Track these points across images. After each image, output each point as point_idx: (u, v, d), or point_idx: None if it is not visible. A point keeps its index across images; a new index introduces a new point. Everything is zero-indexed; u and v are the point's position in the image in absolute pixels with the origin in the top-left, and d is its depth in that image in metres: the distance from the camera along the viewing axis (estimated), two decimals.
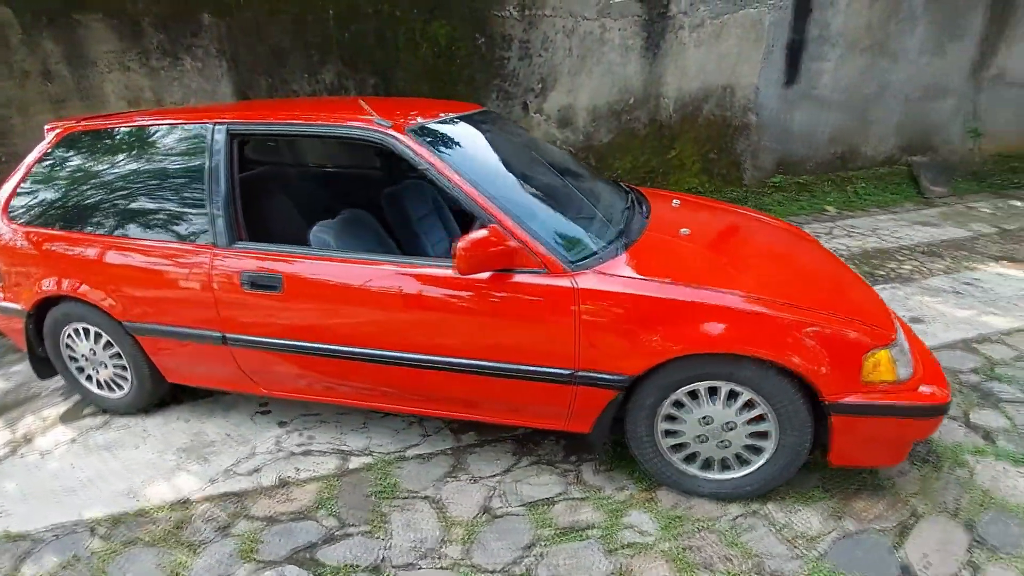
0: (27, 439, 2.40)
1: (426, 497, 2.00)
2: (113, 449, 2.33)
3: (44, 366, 2.57)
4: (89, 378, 2.52)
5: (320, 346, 2.05)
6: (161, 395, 2.52)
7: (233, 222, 2.08)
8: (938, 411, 1.71)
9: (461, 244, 1.68)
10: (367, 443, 2.30)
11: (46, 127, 2.42)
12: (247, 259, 2.04)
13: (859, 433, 1.74)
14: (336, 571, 1.72)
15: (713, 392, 1.79)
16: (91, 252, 2.23)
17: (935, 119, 5.63)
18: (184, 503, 2.02)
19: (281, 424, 2.44)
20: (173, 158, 2.18)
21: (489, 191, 1.89)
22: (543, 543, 1.79)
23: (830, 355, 1.68)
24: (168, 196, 2.17)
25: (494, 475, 2.10)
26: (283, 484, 2.10)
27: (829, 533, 1.78)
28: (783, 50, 4.98)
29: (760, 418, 1.78)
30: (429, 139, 2.01)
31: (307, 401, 2.48)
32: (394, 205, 2.68)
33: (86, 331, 2.40)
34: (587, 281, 1.78)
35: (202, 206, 2.10)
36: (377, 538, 1.84)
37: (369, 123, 1.99)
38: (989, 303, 3.28)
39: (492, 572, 1.70)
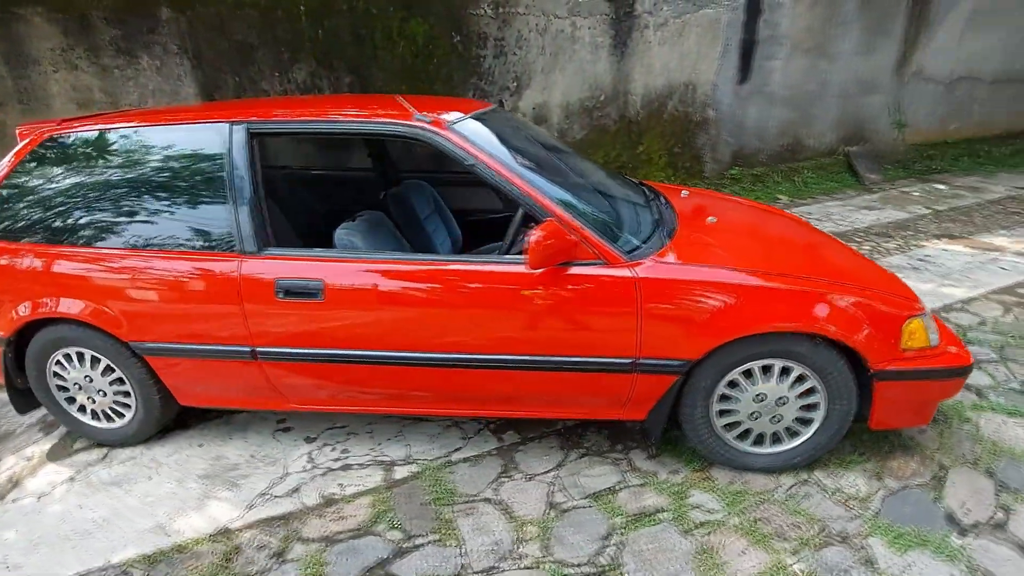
0: (14, 482, 2.13)
1: (487, 499, 1.97)
2: (123, 484, 2.11)
3: (24, 399, 2.30)
4: (82, 409, 2.27)
5: (366, 353, 1.96)
6: (167, 421, 2.32)
7: (261, 228, 1.94)
8: (965, 371, 1.89)
9: (533, 238, 1.67)
10: (407, 451, 2.22)
11: (18, 130, 2.16)
12: (281, 266, 1.92)
13: (898, 397, 1.88)
14: None
15: (766, 370, 1.88)
16: (90, 267, 2.01)
17: (867, 113, 6.15)
18: (224, 533, 1.87)
19: (309, 440, 2.31)
20: (185, 161, 2.01)
21: (539, 186, 1.88)
22: (619, 531, 1.81)
23: (875, 327, 1.81)
24: (182, 203, 1.99)
25: (548, 471, 2.09)
26: (330, 502, 1.99)
27: (876, 493, 1.91)
28: (737, 49, 5.27)
29: (810, 391, 1.89)
30: (468, 135, 1.97)
31: (334, 413, 2.37)
32: (400, 205, 2.61)
33: (80, 356, 2.16)
34: (646, 270, 1.81)
35: (223, 212, 1.95)
36: (450, 546, 1.78)
37: (407, 119, 1.93)
38: (944, 276, 3.63)
39: (578, 566, 1.70)
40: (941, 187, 5.77)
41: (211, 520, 1.93)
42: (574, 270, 1.82)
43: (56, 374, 2.21)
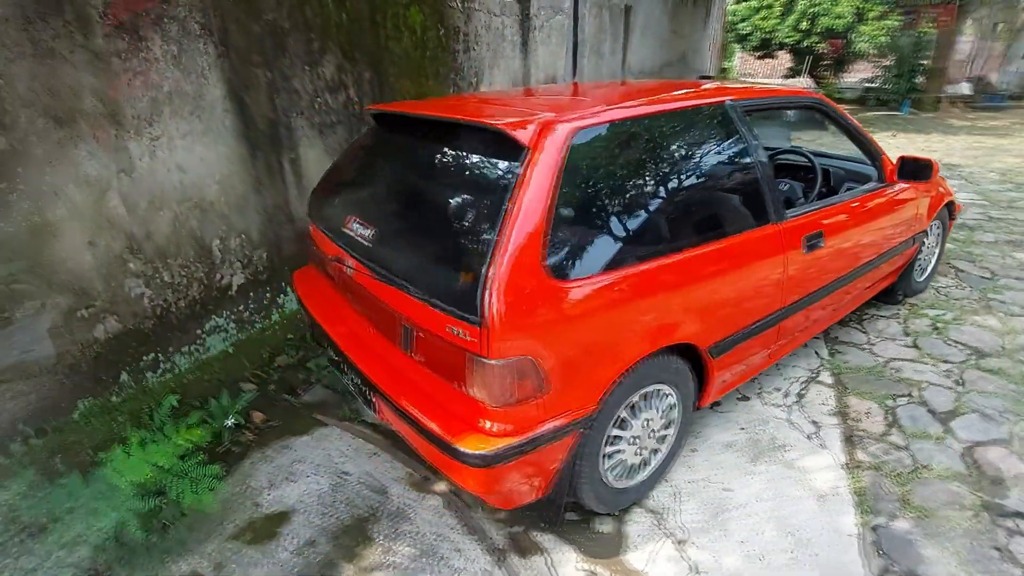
0: None
1: (884, 363, 2.72)
2: (727, 511, 1.91)
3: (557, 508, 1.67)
4: (619, 474, 1.82)
5: (836, 281, 2.39)
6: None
7: (777, 193, 2.08)
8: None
9: (936, 165, 2.52)
10: (801, 371, 2.68)
11: (519, 130, 1.50)
12: (802, 224, 2.13)
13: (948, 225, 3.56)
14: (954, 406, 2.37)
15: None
16: (686, 278, 1.72)
17: None
18: (849, 467, 2.07)
19: (743, 399, 2.48)
20: (703, 143, 1.91)
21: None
22: (941, 339, 2.89)
23: (947, 192, 3.39)
24: (718, 186, 1.93)
25: (865, 341, 2.94)
26: (842, 413, 2.36)
27: (967, 277, 3.57)
28: (571, 49, 6.48)
29: (939, 236, 3.37)
30: None
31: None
32: None
33: (645, 398, 1.77)
34: (914, 185, 2.88)
35: (755, 187, 1.99)
36: (923, 388, 2.51)
37: (810, 93, 2.41)
38: None
39: (963, 360, 2.71)
40: None
41: (829, 467, 2.06)
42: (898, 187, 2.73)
43: (611, 438, 1.72)
